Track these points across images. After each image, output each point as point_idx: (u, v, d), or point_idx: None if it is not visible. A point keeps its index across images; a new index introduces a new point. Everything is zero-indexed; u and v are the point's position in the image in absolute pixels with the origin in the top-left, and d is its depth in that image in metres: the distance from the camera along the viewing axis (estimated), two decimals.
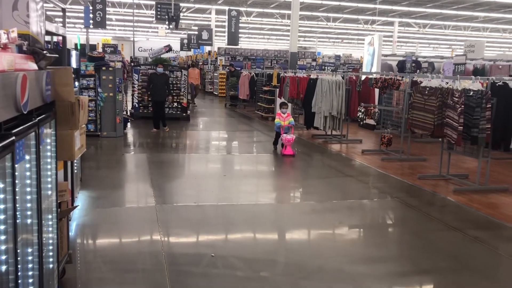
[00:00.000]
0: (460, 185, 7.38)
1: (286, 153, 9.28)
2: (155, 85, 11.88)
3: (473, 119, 6.70)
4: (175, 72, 14.46)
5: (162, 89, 11.95)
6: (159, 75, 12.11)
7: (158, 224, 5.24)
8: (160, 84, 11.92)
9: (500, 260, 4.74)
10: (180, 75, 14.41)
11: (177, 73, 14.42)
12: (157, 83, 11.90)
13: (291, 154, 9.28)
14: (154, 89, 11.89)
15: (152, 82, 11.96)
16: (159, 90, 11.88)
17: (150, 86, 12.00)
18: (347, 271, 4.30)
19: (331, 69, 22.65)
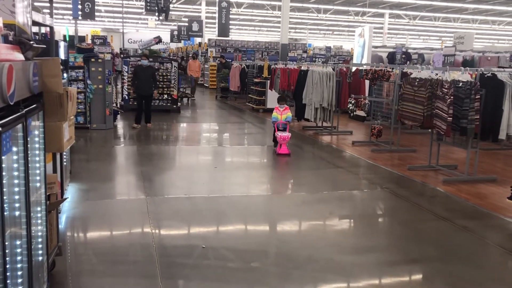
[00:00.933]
0: (449, 175, 7.45)
1: (282, 152, 8.61)
2: (140, 78, 11.19)
3: (462, 110, 6.75)
4: (165, 63, 14.37)
5: (147, 82, 11.20)
6: (145, 68, 11.35)
7: (149, 216, 5.23)
8: (146, 78, 11.19)
9: (488, 249, 4.80)
10: (170, 66, 14.31)
11: (167, 65, 14.32)
12: (142, 76, 11.19)
13: (286, 153, 8.62)
14: (139, 82, 11.22)
15: (137, 75, 11.31)
16: (144, 83, 11.17)
17: (135, 80, 11.38)
18: (337, 261, 4.33)
19: (322, 60, 22.65)
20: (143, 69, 11.32)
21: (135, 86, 11.41)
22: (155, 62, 14.31)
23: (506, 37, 41.61)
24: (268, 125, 13.18)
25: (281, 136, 8.70)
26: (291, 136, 8.92)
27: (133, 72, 11.69)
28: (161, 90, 14.21)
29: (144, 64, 11.45)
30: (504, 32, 37.84)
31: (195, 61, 19.72)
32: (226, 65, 20.01)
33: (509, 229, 5.40)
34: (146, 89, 11.28)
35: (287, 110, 9.08)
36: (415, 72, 8.12)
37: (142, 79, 11.16)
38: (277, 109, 9.13)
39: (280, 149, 8.64)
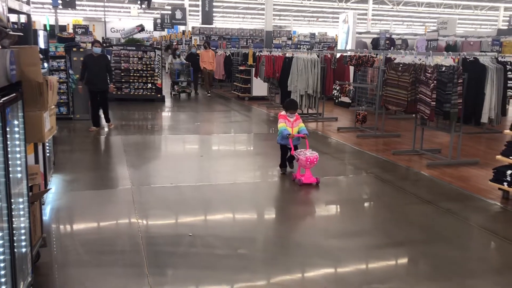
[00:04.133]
0: (433, 159, 7.53)
1: (308, 181, 6.03)
2: (91, 70, 9.29)
3: (445, 94, 6.81)
4: (148, 52, 14.22)
5: (100, 75, 9.34)
6: (96, 57, 9.41)
7: (135, 205, 5.21)
8: (98, 69, 9.30)
9: (471, 231, 4.89)
10: (154, 55, 14.17)
11: (150, 54, 14.18)
12: (94, 67, 9.30)
13: (314, 182, 6.06)
14: (90, 75, 9.33)
15: (88, 66, 9.33)
16: (97, 76, 9.32)
17: (85, 72, 9.37)
18: (324, 246, 4.37)
19: (307, 47, 22.60)
20: (94, 59, 9.38)
21: (86, 80, 9.42)
22: (138, 51, 14.18)
23: (488, 22, 41.95)
24: (254, 112, 13.18)
25: (307, 158, 6.03)
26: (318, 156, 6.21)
27: (82, 62, 9.56)
28: (145, 79, 14.10)
29: (96, 52, 9.50)
30: (486, 17, 38.13)
31: (207, 50, 16.33)
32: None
33: (491, 211, 5.49)
34: (100, 83, 9.42)
35: (299, 120, 6.48)
36: (399, 57, 8.16)
37: (94, 71, 9.30)
38: (285, 118, 6.42)
39: (305, 177, 6.06)
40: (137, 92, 14.11)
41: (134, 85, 14.08)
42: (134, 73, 14.04)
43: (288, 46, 23.50)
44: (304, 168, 6.12)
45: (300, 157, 6.10)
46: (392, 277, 3.84)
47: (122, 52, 14.11)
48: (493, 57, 7.48)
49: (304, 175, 6.07)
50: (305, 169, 6.10)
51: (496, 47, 12.98)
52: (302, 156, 6.09)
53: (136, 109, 12.85)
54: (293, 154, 6.30)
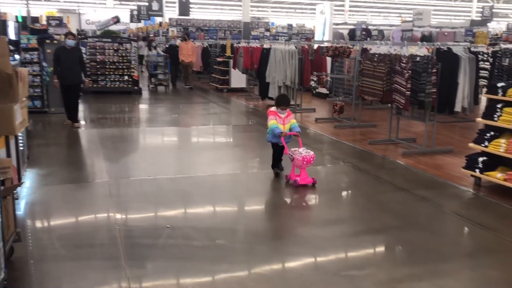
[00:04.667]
0: (408, 148, 7.66)
1: (305, 182, 5.67)
2: (64, 63, 8.77)
3: (420, 84, 6.91)
4: (124, 44, 14.03)
5: (73, 68, 8.86)
6: (69, 50, 8.91)
7: (112, 198, 5.16)
8: (71, 62, 8.82)
9: (445, 217, 5.00)
10: (130, 47, 13.98)
11: (126, 45, 13.99)
12: (66, 60, 8.78)
13: (311, 183, 5.72)
14: (63, 69, 8.80)
15: (60, 59, 8.80)
16: (70, 70, 8.81)
17: (57, 66, 8.84)
18: (302, 235, 4.41)
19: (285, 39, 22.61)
20: (67, 52, 8.87)
21: (58, 74, 8.86)
22: (114, 43, 13.97)
23: (462, 13, 42.62)
24: (233, 104, 13.15)
25: (304, 158, 5.66)
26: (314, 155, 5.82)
27: (54, 55, 8.98)
28: (121, 71, 13.91)
29: (68, 45, 8.98)
30: (461, 8, 38.71)
31: (187, 42, 15.96)
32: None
33: (464, 197, 5.63)
34: (73, 77, 8.89)
35: (291, 116, 6.06)
36: (374, 48, 8.23)
37: (67, 64, 8.78)
38: (276, 115, 5.93)
39: (301, 177, 5.68)
40: (113, 84, 13.92)
41: (110, 77, 13.90)
42: (110, 65, 13.85)
43: (266, 38, 23.47)
44: (299, 168, 5.71)
45: (296, 157, 5.68)
46: (369, 263, 3.91)
47: (98, 44, 13.89)
48: (465, 47, 7.63)
49: (300, 176, 5.68)
50: (301, 169, 5.71)
51: (469, 38, 13.22)
52: (298, 156, 5.67)
53: (112, 101, 12.68)
54: (286, 154, 5.87)
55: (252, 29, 25.00)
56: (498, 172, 5.49)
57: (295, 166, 5.79)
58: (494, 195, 5.48)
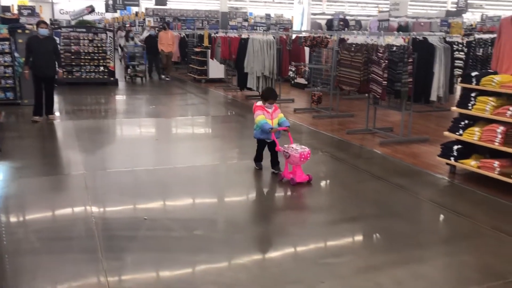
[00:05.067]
0: (385, 137, 7.75)
1: (300, 180, 5.40)
2: (37, 54, 8.28)
3: (396, 73, 6.98)
4: (99, 34, 13.77)
5: (47, 59, 8.37)
6: (42, 40, 8.40)
7: (88, 191, 5.08)
8: (44, 53, 8.33)
9: (421, 204, 5.08)
10: (105, 37, 13.73)
11: (101, 35, 13.73)
12: (40, 51, 8.28)
13: (306, 180, 5.47)
14: (36, 59, 8.31)
15: (33, 49, 8.32)
16: (43, 61, 8.32)
17: (29, 56, 8.35)
18: (279, 223, 4.43)
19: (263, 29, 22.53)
20: (40, 42, 8.36)
21: (30, 65, 8.36)
22: (89, 33, 13.69)
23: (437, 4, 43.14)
24: (211, 95, 13.07)
25: (301, 154, 5.37)
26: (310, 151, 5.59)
27: (26, 45, 8.53)
28: (96, 62, 13.66)
29: (41, 34, 8.46)
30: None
31: (166, 32, 15.73)
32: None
33: (439, 185, 5.73)
34: (46, 69, 8.42)
35: (278, 111, 5.84)
36: (352, 38, 8.27)
37: (40, 54, 8.29)
38: (263, 110, 5.70)
39: (297, 175, 5.40)
40: (88, 75, 13.67)
41: (85, 68, 13.64)
42: (85, 56, 13.59)
43: (244, 28, 23.34)
44: (295, 165, 5.41)
45: (292, 154, 5.37)
46: (347, 251, 3.95)
47: (72, 34, 13.60)
48: (441, 37, 7.72)
49: (296, 173, 5.39)
50: (297, 166, 5.42)
51: (444, 28, 13.40)
52: (294, 153, 5.37)
53: (88, 93, 12.46)
54: (279, 150, 5.58)
55: (230, 19, 24.82)
56: (472, 160, 5.60)
57: (290, 164, 5.48)
58: (469, 182, 5.60)
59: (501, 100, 5.37)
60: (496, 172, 5.26)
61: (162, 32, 15.68)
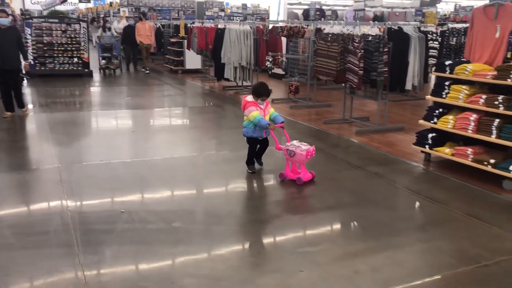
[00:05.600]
0: (361, 127, 7.83)
1: (307, 179, 5.19)
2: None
3: (372, 63, 7.03)
4: (72, 25, 13.47)
5: (9, 51, 7.89)
6: (4, 31, 7.87)
7: (63, 185, 4.99)
8: (6, 44, 7.84)
9: (397, 192, 5.16)
10: (79, 28, 13.44)
11: (75, 26, 13.43)
12: (0, 42, 7.79)
13: (310, 178, 5.26)
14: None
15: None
16: (4, 53, 7.83)
17: None
18: (258, 214, 4.44)
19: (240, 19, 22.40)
20: (1, 32, 7.84)
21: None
22: (62, 23, 13.37)
23: None
24: (188, 86, 12.96)
25: (308, 152, 5.17)
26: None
27: None
28: (70, 53, 13.38)
29: (2, 24, 7.87)
30: None
31: (143, 23, 15.05)
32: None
33: (415, 173, 5.82)
34: (9, 61, 7.94)
35: (269, 106, 5.57)
36: (328, 27, 8.28)
37: (2, 46, 7.81)
38: (255, 105, 5.36)
39: (302, 174, 5.19)
40: (62, 67, 13.37)
41: (58, 59, 13.33)
42: (58, 47, 13.27)
43: (220, 18, 23.15)
44: (300, 163, 5.23)
45: (298, 152, 5.13)
46: (325, 239, 3.99)
47: (44, 25, 13.25)
48: (415, 27, 7.81)
49: (301, 172, 5.20)
50: (301, 164, 5.24)
51: (419, 18, 13.56)
52: (300, 151, 5.14)
53: (62, 85, 12.20)
54: (279, 149, 5.33)
55: (206, 9, 24.58)
56: (447, 147, 5.70)
57: (294, 162, 5.26)
58: (443, 169, 5.71)
59: (474, 89, 5.48)
60: (469, 159, 5.37)
61: (139, 23, 15.18)
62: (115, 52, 14.75)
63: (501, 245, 3.85)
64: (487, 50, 5.69)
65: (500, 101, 5.07)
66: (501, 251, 3.73)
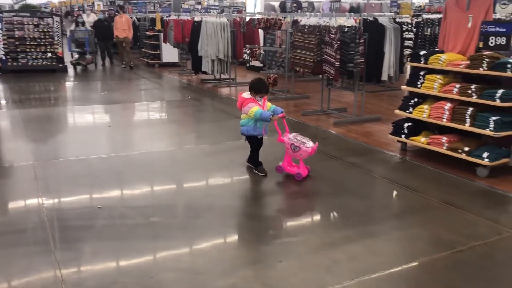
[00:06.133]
0: (339, 118, 7.89)
1: (305, 174, 5.13)
2: None
3: (348, 54, 7.07)
4: (45, 19, 13.17)
5: None
6: None
7: (38, 182, 4.89)
8: None
9: (374, 181, 5.22)
10: (52, 22, 13.15)
11: (48, 20, 13.14)
12: None
13: (307, 173, 5.19)
14: None
15: None
16: None
17: None
18: (237, 206, 4.44)
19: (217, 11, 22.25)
20: None
21: None
22: (34, 17, 13.05)
23: None
24: (166, 79, 12.83)
25: (313, 149, 5.10)
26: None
27: None
28: (43, 48, 13.09)
29: None
30: None
31: (121, 16, 14.50)
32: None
33: (391, 162, 5.90)
34: None
35: (266, 101, 5.32)
36: (304, 19, 8.29)
37: None
38: (254, 101, 5.11)
39: (301, 169, 5.11)
40: (35, 62, 13.09)
41: (31, 54, 13.04)
42: (31, 41, 12.98)
43: (197, 11, 22.96)
44: (300, 159, 5.13)
45: (303, 148, 5.04)
46: (303, 230, 4.02)
47: (15, 19, 12.92)
48: (391, 18, 7.88)
49: (300, 167, 5.12)
50: (300, 159, 5.14)
51: (394, 9, 13.69)
52: (306, 147, 5.05)
53: (36, 80, 11.94)
54: (281, 142, 5.22)
55: (183, 2, 24.35)
56: (422, 136, 5.79)
57: (295, 157, 5.16)
58: (419, 158, 5.80)
59: (448, 78, 5.56)
60: (444, 148, 5.47)
61: (117, 17, 14.67)
62: (86, 48, 14.24)
63: (475, 230, 3.94)
64: (460, 40, 5.78)
65: (473, 90, 5.16)
66: (475, 236, 3.82)
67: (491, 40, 5.29)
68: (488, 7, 5.56)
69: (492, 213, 4.29)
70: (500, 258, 3.54)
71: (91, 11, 18.47)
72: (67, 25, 18.58)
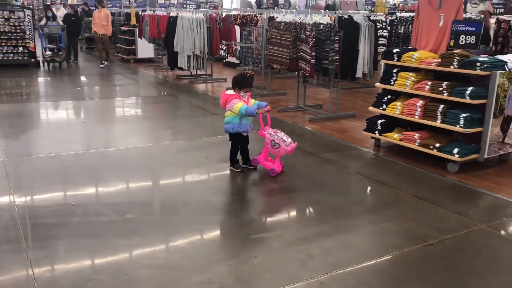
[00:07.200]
0: (314, 114, 7.96)
1: (279, 170, 5.18)
2: None
3: (324, 51, 7.14)
4: (16, 12, 12.86)
5: None
6: None
7: (9, 179, 4.80)
8: None
9: (349, 177, 5.30)
10: (23, 15, 12.84)
11: (19, 13, 12.83)
12: None
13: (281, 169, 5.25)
14: None
15: None
16: None
17: None
18: (211, 202, 4.44)
19: (193, 7, 22.09)
20: None
21: None
22: (4, 11, 12.72)
23: None
24: (141, 75, 12.69)
25: (292, 148, 5.09)
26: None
27: None
28: (14, 42, 12.78)
29: None
30: None
31: (99, 10, 13.71)
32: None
33: (365, 158, 6.00)
34: None
35: (250, 98, 5.29)
36: (281, 16, 8.33)
37: None
38: (238, 98, 5.09)
39: (276, 165, 5.17)
40: (6, 56, 12.78)
41: (2, 49, 12.72)
42: (1, 35, 12.66)
43: (173, 6, 22.75)
44: (278, 156, 5.18)
45: (283, 147, 5.05)
46: (278, 225, 4.06)
47: None
48: (365, 16, 7.98)
49: (275, 163, 5.18)
50: (277, 156, 5.19)
51: (369, 7, 13.86)
52: (285, 146, 5.06)
53: (6, 75, 11.67)
54: (263, 135, 5.22)
55: None
56: (395, 133, 5.90)
57: (275, 154, 5.19)
58: (392, 154, 5.91)
59: (420, 75, 5.68)
60: (416, 144, 5.59)
61: (96, 12, 14.01)
62: (61, 44, 13.79)
63: (446, 224, 4.05)
64: (432, 38, 5.91)
65: (444, 87, 5.29)
66: (445, 230, 3.92)
67: (462, 39, 5.43)
68: (459, 6, 5.69)
69: (462, 207, 4.41)
70: (469, 251, 3.65)
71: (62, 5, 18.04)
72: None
